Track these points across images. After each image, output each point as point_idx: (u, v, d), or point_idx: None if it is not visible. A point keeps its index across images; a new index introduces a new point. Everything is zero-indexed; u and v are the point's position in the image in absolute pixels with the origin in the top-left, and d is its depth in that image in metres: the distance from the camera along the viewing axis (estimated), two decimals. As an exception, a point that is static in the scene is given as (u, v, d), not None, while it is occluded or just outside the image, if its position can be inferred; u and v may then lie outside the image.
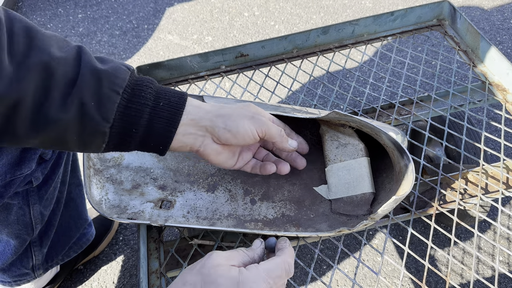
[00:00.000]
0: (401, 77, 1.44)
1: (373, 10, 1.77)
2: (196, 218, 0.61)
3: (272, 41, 0.86)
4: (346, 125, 0.61)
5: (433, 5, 0.89)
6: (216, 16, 1.82)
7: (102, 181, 0.64)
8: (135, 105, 0.47)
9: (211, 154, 0.53)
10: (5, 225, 0.76)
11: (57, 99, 0.43)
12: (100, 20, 1.84)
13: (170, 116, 0.49)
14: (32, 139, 0.45)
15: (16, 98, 0.42)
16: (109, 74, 0.46)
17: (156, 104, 0.48)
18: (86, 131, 0.46)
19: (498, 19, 1.65)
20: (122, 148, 0.49)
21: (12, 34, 0.43)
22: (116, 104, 0.46)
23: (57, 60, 0.44)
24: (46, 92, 0.43)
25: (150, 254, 0.64)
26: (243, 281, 0.42)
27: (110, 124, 0.46)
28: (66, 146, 0.47)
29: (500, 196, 0.64)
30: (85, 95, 0.44)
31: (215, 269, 0.42)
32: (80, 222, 0.94)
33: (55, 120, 0.44)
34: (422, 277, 0.99)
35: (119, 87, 0.46)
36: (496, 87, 0.77)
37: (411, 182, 0.51)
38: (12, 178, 0.63)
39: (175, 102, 0.49)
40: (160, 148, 0.50)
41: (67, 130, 0.45)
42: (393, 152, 0.56)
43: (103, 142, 0.47)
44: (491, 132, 1.25)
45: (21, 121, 0.43)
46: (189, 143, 0.51)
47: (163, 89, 0.50)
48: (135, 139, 0.48)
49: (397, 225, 1.09)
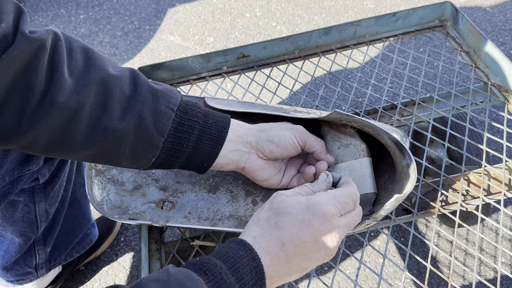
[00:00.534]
0: (403, 78, 1.43)
1: (375, 11, 1.77)
2: (197, 219, 0.61)
3: (274, 42, 0.86)
4: (348, 126, 0.61)
5: (435, 6, 0.89)
6: (218, 17, 1.82)
7: (103, 182, 0.64)
8: (187, 121, 0.51)
9: (257, 170, 0.55)
10: (10, 222, 0.77)
11: (115, 112, 0.47)
12: (102, 21, 1.84)
13: (218, 134, 0.52)
14: (86, 150, 0.48)
15: (75, 108, 0.44)
16: (165, 94, 0.50)
17: (205, 122, 0.52)
18: (141, 143, 0.49)
19: (500, 20, 1.64)
20: (168, 164, 0.52)
21: (71, 51, 0.46)
22: (171, 119, 0.50)
23: (113, 77, 0.47)
24: (104, 105, 0.46)
25: (152, 255, 0.64)
26: (313, 204, 0.44)
27: (164, 139, 0.50)
28: (117, 159, 0.50)
29: (502, 197, 0.63)
30: (144, 110, 0.48)
31: (283, 202, 0.45)
32: (83, 222, 0.95)
33: (113, 131, 0.47)
34: (424, 279, 0.98)
35: (173, 105, 0.50)
36: (498, 88, 0.77)
37: (413, 181, 0.51)
38: (19, 174, 0.64)
39: (222, 121, 0.53)
40: (204, 166, 0.53)
41: (122, 142, 0.48)
42: (394, 152, 0.56)
43: (153, 156, 0.50)
44: (493, 133, 1.25)
45: (78, 131, 0.46)
46: (235, 160, 0.54)
47: (209, 110, 0.54)
48: (183, 155, 0.52)
49: (399, 227, 1.09)
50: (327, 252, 0.45)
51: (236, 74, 0.87)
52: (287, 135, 0.54)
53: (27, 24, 0.43)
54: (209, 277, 0.39)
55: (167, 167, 0.53)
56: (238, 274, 0.41)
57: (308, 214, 0.44)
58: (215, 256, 0.42)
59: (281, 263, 0.43)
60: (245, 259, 0.42)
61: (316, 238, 0.44)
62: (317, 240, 0.44)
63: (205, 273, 0.40)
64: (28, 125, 0.44)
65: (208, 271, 0.40)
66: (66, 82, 0.44)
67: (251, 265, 0.42)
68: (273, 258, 0.43)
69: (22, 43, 0.41)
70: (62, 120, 0.45)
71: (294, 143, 0.54)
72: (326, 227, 0.44)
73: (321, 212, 0.44)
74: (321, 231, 0.44)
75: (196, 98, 0.67)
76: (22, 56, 0.41)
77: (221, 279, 0.39)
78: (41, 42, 0.43)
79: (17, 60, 0.41)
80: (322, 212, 0.44)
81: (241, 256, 0.42)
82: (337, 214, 0.45)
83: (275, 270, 0.43)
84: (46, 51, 0.43)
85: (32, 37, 0.42)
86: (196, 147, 0.52)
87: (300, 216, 0.44)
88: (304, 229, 0.43)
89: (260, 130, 0.55)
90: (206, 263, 0.41)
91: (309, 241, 0.43)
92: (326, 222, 0.44)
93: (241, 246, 0.43)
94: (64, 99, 0.44)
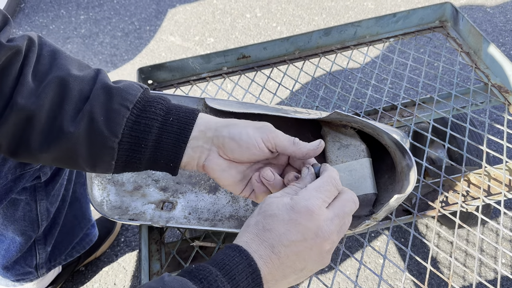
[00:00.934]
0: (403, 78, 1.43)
1: (375, 11, 1.77)
2: (197, 220, 0.61)
3: (274, 43, 0.86)
4: (348, 126, 0.61)
5: (436, 6, 0.89)
6: (218, 17, 1.82)
7: (104, 182, 0.64)
8: (144, 120, 0.46)
9: (217, 170, 0.49)
10: (11, 221, 0.77)
11: (69, 113, 0.45)
12: (102, 22, 1.84)
13: (179, 131, 0.47)
14: (44, 153, 0.46)
15: (33, 110, 0.44)
16: (121, 90, 0.46)
17: (165, 119, 0.47)
18: (95, 146, 0.46)
19: (501, 20, 1.64)
20: (133, 167, 0.49)
21: (40, 56, 0.46)
22: (125, 118, 0.46)
23: (74, 77, 0.46)
24: (60, 105, 0.45)
25: (152, 256, 0.64)
26: (296, 202, 0.43)
27: (119, 139, 0.46)
28: (77, 163, 0.48)
29: (503, 198, 0.63)
30: (95, 110, 0.45)
31: (270, 205, 0.44)
32: (84, 222, 0.95)
33: (66, 133, 0.45)
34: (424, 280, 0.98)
35: (129, 102, 0.46)
36: (499, 89, 0.77)
37: (414, 181, 0.51)
38: (21, 172, 0.64)
39: (185, 117, 0.48)
40: (171, 166, 0.49)
41: (77, 145, 0.46)
42: (394, 152, 0.56)
43: (112, 159, 0.47)
44: (493, 134, 1.25)
45: (36, 133, 0.45)
46: (195, 157, 0.49)
47: (175, 105, 0.49)
48: (144, 156, 0.47)
49: (399, 227, 1.09)
50: (321, 251, 0.44)
51: (236, 75, 0.87)
52: (251, 134, 0.47)
53: (6, 34, 0.44)
54: (204, 285, 0.39)
55: (133, 169, 0.49)
56: (234, 281, 0.40)
57: (293, 213, 0.43)
58: (210, 264, 0.41)
59: (275, 265, 0.43)
60: (241, 265, 0.41)
61: (305, 236, 0.42)
62: (306, 238, 0.42)
63: (201, 281, 0.39)
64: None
65: (204, 279, 0.39)
66: (28, 84, 0.44)
67: (247, 271, 0.41)
68: (266, 261, 0.42)
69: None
70: (21, 122, 0.44)
71: (258, 144, 0.47)
72: (314, 223, 0.43)
73: (305, 208, 0.43)
74: (309, 228, 0.42)
75: (196, 98, 0.67)
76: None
77: (217, 287, 0.39)
78: (17, 49, 0.44)
79: None
80: (306, 207, 0.43)
81: (236, 263, 0.41)
82: (323, 205, 0.44)
83: (271, 274, 0.43)
84: (20, 57, 0.44)
85: (7, 45, 0.43)
86: (157, 147, 0.47)
87: (286, 216, 0.43)
88: (291, 229, 0.42)
89: (225, 125, 0.49)
90: (202, 271, 0.40)
91: (298, 240, 0.42)
92: (313, 216, 0.43)
93: (236, 252, 0.42)
94: (24, 101, 0.43)
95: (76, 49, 1.72)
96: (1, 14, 0.45)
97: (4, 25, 0.45)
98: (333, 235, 0.44)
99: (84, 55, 1.70)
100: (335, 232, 0.44)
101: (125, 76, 1.60)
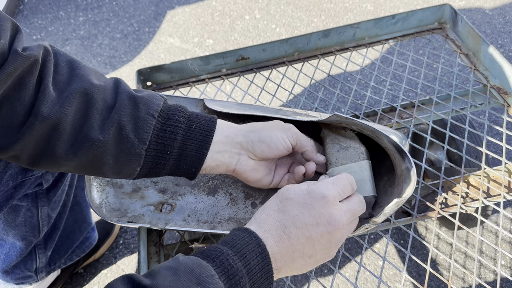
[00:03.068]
0: (402, 80, 1.43)
1: (374, 13, 1.77)
2: (196, 222, 0.61)
3: (273, 44, 0.86)
4: (347, 128, 0.61)
5: (435, 8, 0.89)
6: (217, 19, 1.82)
7: (102, 184, 0.64)
8: (169, 127, 0.50)
9: (248, 170, 0.55)
10: (12, 226, 0.77)
11: (95, 122, 0.47)
12: (101, 23, 1.84)
13: (202, 138, 0.51)
14: (69, 161, 0.48)
15: (58, 118, 0.45)
16: (145, 100, 0.49)
17: (188, 127, 0.51)
18: (122, 153, 0.48)
19: (500, 22, 1.65)
20: (155, 172, 0.52)
21: (57, 66, 0.47)
22: (152, 126, 0.49)
23: (96, 87, 0.47)
24: (85, 115, 0.46)
25: (151, 258, 0.64)
26: (312, 189, 0.47)
27: (146, 146, 0.49)
28: (101, 170, 0.50)
29: (502, 199, 0.63)
30: (123, 118, 0.47)
31: (287, 190, 0.48)
32: (84, 226, 0.95)
33: (94, 140, 0.46)
34: (423, 282, 0.98)
35: (154, 111, 0.49)
36: (498, 90, 0.77)
37: (413, 185, 0.51)
38: (23, 179, 0.64)
39: (206, 124, 0.52)
40: (192, 171, 0.52)
41: (105, 152, 0.47)
42: (394, 155, 0.56)
43: (138, 165, 0.49)
44: (492, 136, 1.25)
45: (61, 142, 0.46)
46: (225, 162, 0.53)
47: (194, 113, 0.53)
48: (169, 162, 0.51)
49: (399, 229, 1.09)
50: (330, 240, 0.46)
51: (236, 76, 0.87)
52: (279, 136, 0.54)
53: (21, 42, 0.44)
54: (217, 263, 0.41)
55: (155, 175, 0.52)
56: (245, 259, 0.42)
57: (309, 197, 0.46)
58: (222, 244, 0.43)
59: (285, 246, 0.44)
60: (251, 245, 0.43)
61: (318, 221, 0.45)
62: (318, 223, 0.45)
63: (213, 260, 0.41)
64: (14, 137, 0.44)
65: (216, 258, 0.41)
66: (50, 94, 0.45)
67: (256, 250, 0.43)
68: (276, 240, 0.44)
69: (16, 60, 0.42)
70: (46, 131, 0.45)
71: (286, 144, 0.54)
72: (328, 210, 0.45)
73: (321, 194, 0.46)
74: (322, 213, 0.45)
75: (195, 100, 0.67)
76: (16, 72, 0.43)
77: (229, 265, 0.41)
78: (34, 58, 0.44)
79: (11, 76, 0.42)
80: (322, 194, 0.46)
81: (246, 243, 0.43)
82: (338, 197, 0.47)
83: (280, 253, 0.44)
84: (38, 66, 0.45)
85: (24, 54, 0.43)
86: (181, 153, 0.51)
87: (301, 199, 0.46)
88: (305, 212, 0.45)
89: (251, 131, 0.54)
90: (214, 251, 0.42)
91: (311, 223, 0.45)
92: (327, 204, 0.45)
93: (246, 233, 0.44)
94: (48, 110, 0.44)
95: (75, 51, 1.72)
96: (10, 22, 0.45)
97: (16, 33, 0.45)
98: (344, 228, 0.47)
99: (83, 56, 1.70)
100: (345, 225, 0.47)
101: (124, 77, 1.60)
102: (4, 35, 0.43)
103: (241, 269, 0.41)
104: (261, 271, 0.43)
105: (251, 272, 0.42)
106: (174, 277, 0.39)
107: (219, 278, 0.40)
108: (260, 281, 0.43)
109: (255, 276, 0.42)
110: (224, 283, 0.40)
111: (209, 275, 0.39)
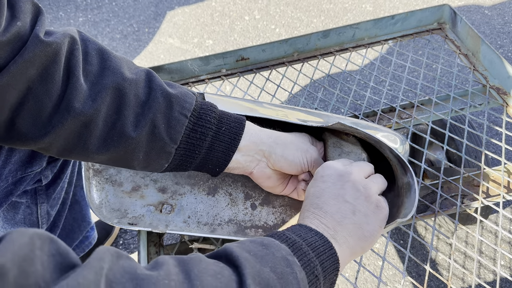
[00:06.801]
0: (401, 80, 1.44)
1: (374, 13, 1.77)
2: (196, 224, 0.61)
3: (273, 45, 0.86)
4: (350, 134, 0.61)
5: (434, 8, 0.89)
6: (217, 19, 1.82)
7: (101, 182, 0.63)
8: (200, 128, 0.50)
9: (263, 177, 0.56)
10: (11, 224, 0.77)
11: (129, 118, 0.47)
12: (101, 24, 1.84)
13: (230, 141, 0.52)
14: (101, 155, 0.48)
15: (91, 114, 0.44)
16: (179, 99, 0.49)
17: (218, 128, 0.51)
18: (153, 150, 0.49)
19: (499, 22, 1.65)
20: (181, 169, 0.53)
21: (87, 54, 0.46)
22: (184, 126, 0.49)
23: (129, 81, 0.47)
24: (118, 111, 0.46)
25: (150, 258, 0.64)
26: (347, 171, 0.50)
27: (177, 146, 0.49)
28: (131, 164, 0.50)
29: (501, 199, 0.63)
30: (157, 116, 0.48)
31: (327, 166, 0.51)
32: (83, 225, 0.95)
33: (128, 137, 0.47)
34: (423, 282, 0.98)
35: (187, 111, 0.49)
36: (497, 90, 0.77)
37: (414, 203, 0.50)
38: (22, 175, 0.64)
39: (235, 127, 0.53)
40: (217, 170, 0.54)
41: (136, 149, 0.48)
42: (396, 166, 0.56)
43: (166, 162, 0.51)
44: (492, 136, 1.25)
45: (94, 137, 0.46)
46: (245, 165, 0.55)
47: (224, 113, 0.53)
48: (196, 160, 0.52)
49: (398, 229, 1.09)
50: (368, 199, 0.47)
51: (235, 77, 0.87)
52: (300, 157, 0.55)
53: (43, 26, 0.43)
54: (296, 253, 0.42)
55: (180, 170, 0.54)
56: (317, 250, 0.43)
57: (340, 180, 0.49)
58: (290, 231, 0.44)
59: (321, 213, 0.46)
60: (319, 240, 0.44)
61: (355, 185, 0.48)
62: (357, 189, 0.48)
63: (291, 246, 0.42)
64: (44, 130, 0.44)
65: (292, 244, 0.42)
66: (82, 87, 0.44)
67: (320, 241, 0.44)
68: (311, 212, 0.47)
69: (36, 45, 0.41)
70: (78, 126, 0.45)
71: (304, 167, 0.56)
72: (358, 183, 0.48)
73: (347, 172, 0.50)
74: (356, 180, 0.48)
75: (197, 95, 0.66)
76: (38, 60, 0.41)
77: (308, 260, 0.42)
78: (56, 46, 0.42)
79: (33, 64, 0.41)
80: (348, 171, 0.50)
81: (315, 240, 0.44)
82: (363, 174, 0.50)
83: (334, 230, 0.45)
84: (62, 55, 0.43)
85: (46, 41, 0.42)
86: (208, 153, 0.52)
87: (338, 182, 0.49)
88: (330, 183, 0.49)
89: (277, 143, 0.55)
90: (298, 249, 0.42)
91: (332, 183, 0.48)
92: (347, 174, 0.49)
93: (307, 229, 0.44)
94: (80, 105, 0.43)
95: (74, 51, 1.72)
96: (30, 3, 0.42)
97: (38, 15, 0.43)
98: (375, 194, 0.49)
99: (82, 57, 1.70)
100: (374, 190, 0.49)
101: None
102: (22, 16, 0.41)
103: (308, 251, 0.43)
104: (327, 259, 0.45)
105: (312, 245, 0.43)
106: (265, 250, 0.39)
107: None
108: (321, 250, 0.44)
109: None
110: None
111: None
